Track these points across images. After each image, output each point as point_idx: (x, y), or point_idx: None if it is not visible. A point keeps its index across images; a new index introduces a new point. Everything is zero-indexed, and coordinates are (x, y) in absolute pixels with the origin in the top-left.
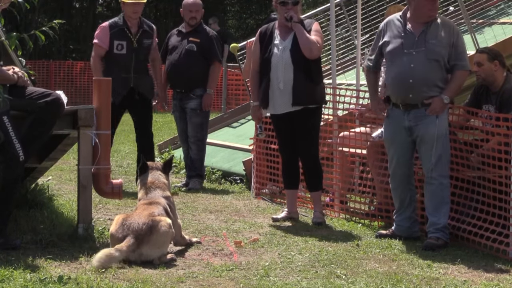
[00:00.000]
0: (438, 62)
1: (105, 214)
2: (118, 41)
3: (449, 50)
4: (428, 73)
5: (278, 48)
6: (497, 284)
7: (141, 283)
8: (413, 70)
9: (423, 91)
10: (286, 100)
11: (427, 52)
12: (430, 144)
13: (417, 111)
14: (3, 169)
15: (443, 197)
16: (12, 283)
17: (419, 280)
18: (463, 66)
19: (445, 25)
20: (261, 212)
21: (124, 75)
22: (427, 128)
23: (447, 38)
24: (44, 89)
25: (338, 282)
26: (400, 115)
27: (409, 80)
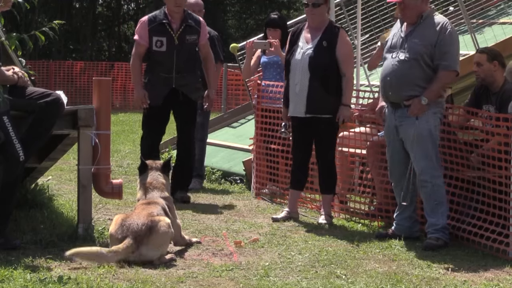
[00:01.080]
0: (417, 61)
1: (105, 214)
2: (157, 37)
3: (432, 49)
4: (405, 72)
5: (300, 51)
6: (497, 284)
7: (141, 283)
8: (392, 68)
9: (401, 89)
10: (301, 106)
11: (407, 51)
12: (411, 146)
13: (401, 110)
14: (3, 169)
15: (439, 198)
16: (12, 283)
17: (419, 280)
18: (446, 66)
19: (434, 24)
20: (261, 212)
21: (164, 74)
22: (407, 129)
23: (430, 37)
24: (44, 89)
25: (338, 282)
26: (390, 114)
27: (387, 78)
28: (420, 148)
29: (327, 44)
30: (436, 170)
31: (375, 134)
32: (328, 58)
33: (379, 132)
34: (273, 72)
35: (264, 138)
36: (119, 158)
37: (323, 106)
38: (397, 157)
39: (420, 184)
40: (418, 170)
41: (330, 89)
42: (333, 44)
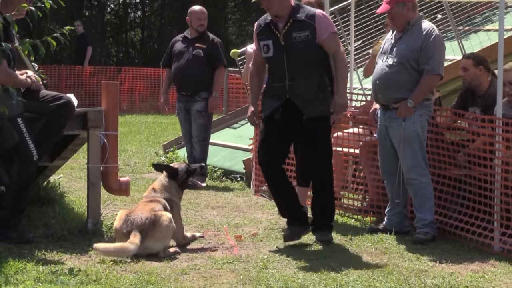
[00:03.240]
0: (404, 65)
1: (113, 210)
2: (264, 41)
3: (417, 54)
4: (392, 76)
5: None
6: (482, 276)
7: (147, 274)
8: (381, 72)
9: (389, 92)
10: None
11: (394, 56)
12: (398, 145)
13: (390, 112)
14: (17, 168)
15: (426, 194)
16: (26, 275)
17: (409, 272)
18: (429, 71)
19: (420, 30)
20: (260, 208)
21: (277, 83)
22: (395, 130)
23: (416, 43)
24: (56, 93)
25: (332, 274)
26: (381, 115)
27: (377, 82)
28: (407, 148)
29: None
30: (422, 169)
31: (367, 134)
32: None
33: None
34: None
35: None
36: (126, 157)
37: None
38: (388, 156)
39: (407, 182)
40: (405, 169)
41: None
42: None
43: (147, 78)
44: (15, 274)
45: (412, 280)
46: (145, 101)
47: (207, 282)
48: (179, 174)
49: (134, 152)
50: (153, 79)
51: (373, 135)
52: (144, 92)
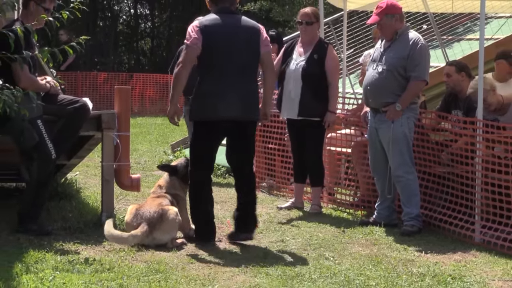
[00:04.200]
0: (392, 72)
1: (125, 204)
2: None
3: (404, 62)
4: (382, 82)
5: (294, 63)
6: (464, 265)
7: (156, 264)
8: (372, 79)
9: (379, 97)
10: (294, 109)
11: (384, 64)
12: (387, 145)
13: (379, 115)
14: (37, 166)
15: (413, 190)
16: (45, 264)
17: (397, 261)
18: (416, 77)
19: (407, 40)
20: (260, 202)
21: None
22: (384, 131)
23: (403, 51)
24: (73, 97)
25: (326, 263)
26: (372, 118)
27: (368, 87)
28: (395, 148)
29: (317, 57)
30: (409, 167)
31: (358, 135)
32: (318, 70)
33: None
34: None
35: (262, 138)
36: (137, 156)
37: (313, 110)
38: (378, 155)
39: (395, 179)
40: (393, 167)
41: (319, 96)
42: (322, 58)
43: (156, 84)
44: (35, 263)
45: (400, 269)
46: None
47: (211, 270)
48: (178, 170)
49: (144, 151)
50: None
51: (363, 136)
52: (154, 96)
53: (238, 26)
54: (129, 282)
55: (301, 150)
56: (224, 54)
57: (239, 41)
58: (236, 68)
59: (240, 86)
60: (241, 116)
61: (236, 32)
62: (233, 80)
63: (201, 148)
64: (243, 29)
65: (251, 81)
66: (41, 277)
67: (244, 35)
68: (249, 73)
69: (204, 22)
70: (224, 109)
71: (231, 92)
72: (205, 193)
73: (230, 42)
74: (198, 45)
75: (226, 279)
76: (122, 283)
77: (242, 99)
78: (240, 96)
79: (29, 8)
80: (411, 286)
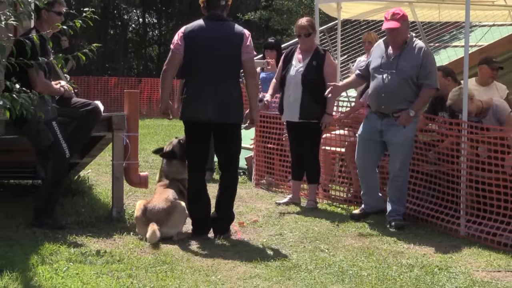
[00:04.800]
0: (406, 81)
1: (134, 200)
2: None
3: (417, 71)
4: (396, 89)
5: (294, 69)
6: (450, 257)
7: (163, 255)
8: (386, 86)
9: (393, 103)
10: (294, 112)
11: (397, 72)
12: (396, 148)
13: (389, 119)
14: (52, 164)
15: (405, 190)
16: (59, 256)
17: (387, 253)
18: (428, 85)
19: (417, 49)
20: (260, 198)
21: None
22: (395, 135)
23: (416, 60)
24: (85, 100)
25: (322, 255)
26: (376, 120)
27: (382, 94)
28: (402, 151)
29: (316, 64)
30: (407, 169)
31: (352, 135)
32: (317, 75)
33: None
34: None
35: (262, 139)
36: (146, 155)
37: (312, 113)
38: (370, 154)
39: (393, 178)
40: (395, 168)
41: (318, 100)
42: (321, 64)
43: None
44: (50, 255)
45: (390, 260)
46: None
47: (214, 262)
48: (175, 151)
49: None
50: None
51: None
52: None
53: (222, 32)
54: (138, 272)
55: (299, 150)
56: (207, 58)
57: (221, 46)
58: (217, 73)
59: (220, 91)
60: (217, 119)
61: (219, 38)
62: (214, 84)
63: (192, 146)
64: (226, 35)
65: (232, 86)
66: (55, 268)
67: (227, 41)
68: (231, 77)
69: (188, 28)
70: (202, 112)
71: (209, 96)
72: (201, 188)
73: (212, 46)
74: (180, 50)
75: (228, 270)
76: (131, 273)
77: (220, 103)
78: (218, 100)
79: (42, 16)
80: (400, 276)
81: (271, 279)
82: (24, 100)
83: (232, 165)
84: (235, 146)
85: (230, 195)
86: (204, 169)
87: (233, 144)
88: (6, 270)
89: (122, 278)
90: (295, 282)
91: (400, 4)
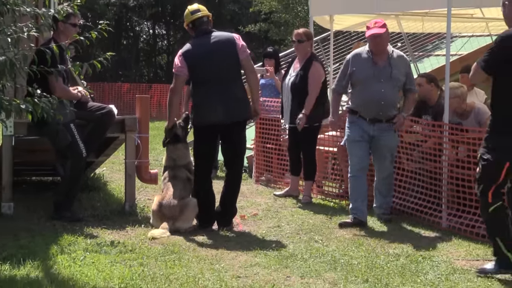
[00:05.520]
0: (398, 88)
1: (145, 195)
2: None
3: (405, 78)
4: (393, 97)
5: (288, 77)
6: (433, 247)
7: (171, 246)
8: (384, 94)
9: (389, 110)
10: (287, 118)
11: (393, 81)
12: (388, 150)
13: (381, 124)
14: (70, 163)
15: (393, 184)
16: (77, 246)
17: (376, 243)
18: (413, 90)
19: (401, 58)
20: (260, 193)
21: None
22: (389, 139)
23: (404, 69)
24: (100, 104)
25: (316, 245)
26: (366, 125)
27: (381, 102)
28: (392, 152)
29: (303, 73)
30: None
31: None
32: (303, 84)
33: None
34: (268, 91)
35: (262, 139)
36: (155, 154)
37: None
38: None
39: (387, 177)
40: (388, 168)
41: (303, 106)
42: (307, 73)
43: None
44: (68, 245)
45: (378, 250)
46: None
47: (218, 252)
48: (179, 134)
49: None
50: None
51: None
52: None
53: (215, 42)
54: (148, 261)
55: (298, 151)
56: (209, 69)
57: (218, 56)
58: (219, 80)
59: (225, 94)
60: (227, 119)
61: (215, 48)
62: (220, 89)
63: (202, 146)
64: (220, 43)
65: (236, 87)
66: (73, 257)
67: (222, 48)
68: (232, 80)
69: (185, 49)
70: (213, 115)
71: (218, 100)
72: (207, 185)
73: (210, 59)
74: (183, 71)
75: (230, 259)
76: (142, 262)
77: (227, 105)
78: (225, 103)
79: (59, 28)
80: (388, 264)
81: (270, 267)
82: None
83: (238, 164)
84: (240, 146)
85: (235, 191)
86: (211, 168)
87: (239, 144)
88: (29, 259)
89: (134, 267)
90: (291, 270)
91: (387, 16)
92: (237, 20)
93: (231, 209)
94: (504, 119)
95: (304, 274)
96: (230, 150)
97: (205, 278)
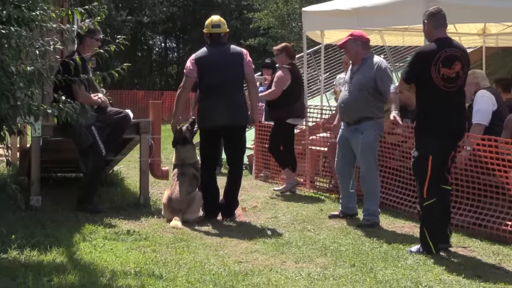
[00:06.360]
0: (362, 91)
1: (157, 190)
2: None
3: (372, 82)
4: (354, 100)
5: None
6: (412, 235)
7: (180, 234)
8: (345, 97)
9: (352, 112)
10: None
11: (354, 84)
12: (357, 151)
13: (351, 127)
14: (91, 161)
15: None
16: (97, 235)
17: (362, 232)
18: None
19: (372, 63)
20: (259, 188)
21: None
22: (356, 140)
23: (369, 73)
24: (118, 109)
25: (308, 234)
26: (345, 128)
27: (342, 105)
28: (363, 155)
29: None
30: (373, 171)
31: (332, 138)
32: None
33: None
34: None
35: (261, 140)
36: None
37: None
38: (346, 159)
39: (363, 180)
40: (362, 170)
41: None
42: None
43: None
44: (89, 234)
45: (364, 238)
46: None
47: (222, 239)
48: (188, 137)
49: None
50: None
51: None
52: None
53: (226, 54)
54: (160, 248)
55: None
56: (217, 77)
57: (226, 65)
58: (225, 87)
59: (229, 100)
60: (231, 123)
61: (225, 59)
62: (224, 96)
63: (207, 147)
64: (229, 55)
65: (238, 95)
66: (94, 244)
67: (231, 60)
68: (236, 89)
69: (198, 55)
70: (218, 118)
71: (222, 105)
72: (212, 181)
73: (219, 67)
74: (193, 74)
75: (233, 246)
76: (155, 248)
77: (231, 110)
78: (230, 108)
79: (85, 41)
80: (372, 251)
81: (268, 253)
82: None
83: (239, 162)
84: (241, 147)
85: (236, 186)
86: (215, 166)
87: (240, 145)
88: (54, 246)
89: (148, 253)
90: (287, 255)
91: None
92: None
93: (233, 202)
94: (425, 121)
95: (298, 259)
96: (232, 150)
97: (211, 263)
